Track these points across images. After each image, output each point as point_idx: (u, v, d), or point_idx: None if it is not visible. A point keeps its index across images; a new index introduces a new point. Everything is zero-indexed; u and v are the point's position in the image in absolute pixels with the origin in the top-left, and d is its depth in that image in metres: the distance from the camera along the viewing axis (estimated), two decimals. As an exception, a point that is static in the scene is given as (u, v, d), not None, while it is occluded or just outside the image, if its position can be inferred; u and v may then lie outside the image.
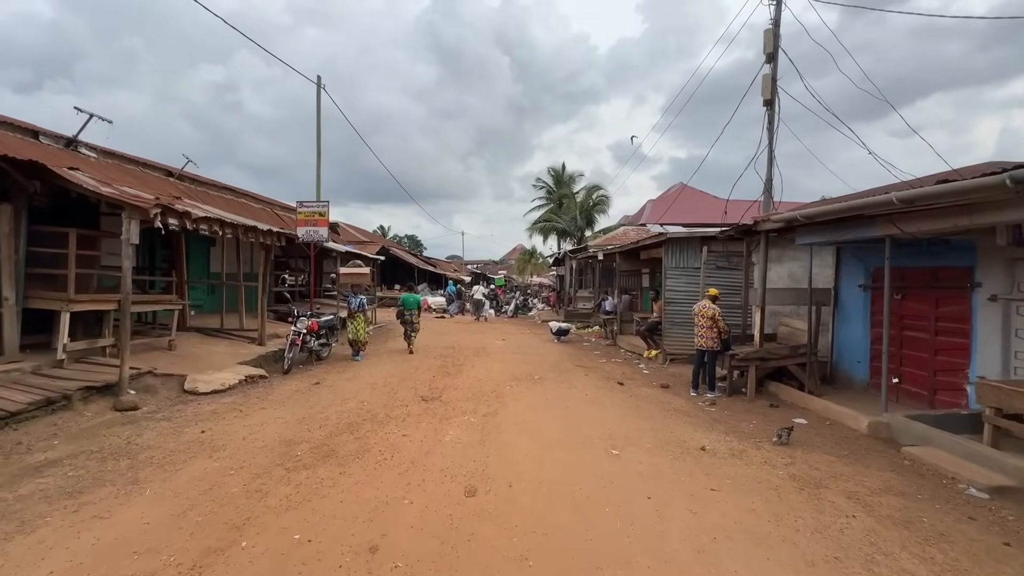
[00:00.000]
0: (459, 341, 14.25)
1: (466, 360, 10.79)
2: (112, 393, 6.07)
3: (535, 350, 12.82)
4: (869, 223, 6.11)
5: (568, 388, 8.19)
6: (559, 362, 10.96)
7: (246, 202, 12.56)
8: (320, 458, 4.67)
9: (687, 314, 10.63)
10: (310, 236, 12.57)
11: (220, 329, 9.77)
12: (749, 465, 4.86)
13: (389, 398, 7.12)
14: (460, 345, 13.33)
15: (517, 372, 9.48)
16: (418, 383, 8.20)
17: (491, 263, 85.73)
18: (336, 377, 8.56)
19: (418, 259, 37.89)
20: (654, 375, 9.77)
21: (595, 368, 10.41)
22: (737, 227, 8.43)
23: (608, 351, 13.10)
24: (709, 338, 7.93)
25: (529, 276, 56.29)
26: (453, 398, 7.22)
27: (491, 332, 17.29)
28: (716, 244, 10.56)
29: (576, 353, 12.63)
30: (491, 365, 10.25)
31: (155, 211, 6.01)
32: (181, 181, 10.52)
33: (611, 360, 11.58)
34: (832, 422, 6.54)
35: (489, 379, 8.71)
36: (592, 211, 37.00)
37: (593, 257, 20.38)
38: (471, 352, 12.05)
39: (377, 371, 9.20)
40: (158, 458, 4.56)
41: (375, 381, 8.28)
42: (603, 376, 9.50)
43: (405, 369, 9.48)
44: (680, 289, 10.73)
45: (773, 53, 8.47)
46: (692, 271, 10.71)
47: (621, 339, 13.94)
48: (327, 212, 12.66)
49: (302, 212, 12.60)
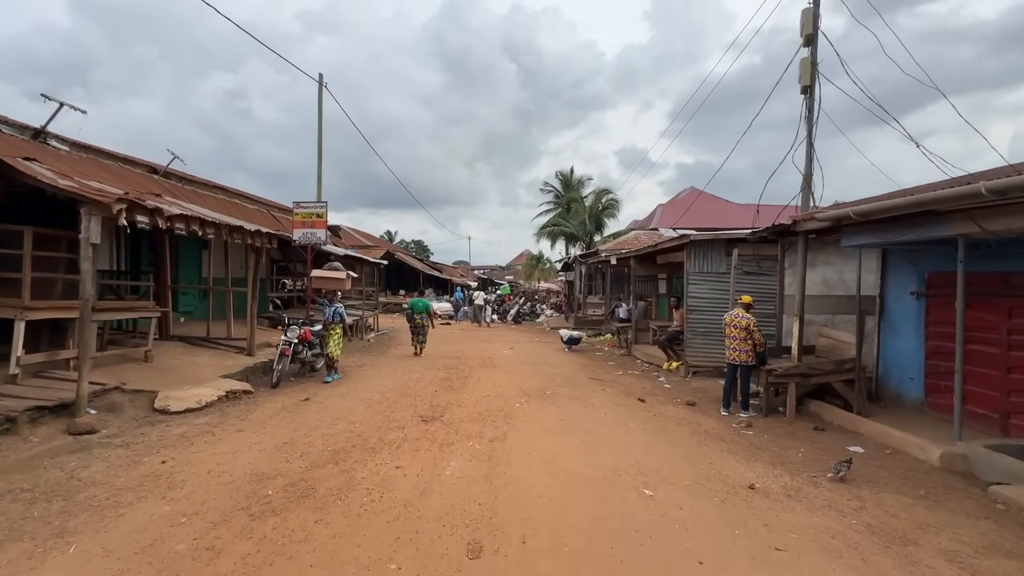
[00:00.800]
0: (465, 350, 13.46)
1: (472, 372, 9.99)
2: (69, 413, 5.33)
3: (545, 360, 12.00)
4: (938, 220, 5.26)
5: (584, 406, 7.36)
6: (572, 374, 10.14)
7: (240, 203, 11.90)
8: (294, 499, 3.88)
9: (711, 323, 9.80)
10: (307, 239, 11.88)
11: (206, 338, 9.05)
12: (812, 510, 4.01)
13: (384, 418, 6.33)
14: (466, 354, 12.54)
15: (527, 386, 8.67)
16: (418, 399, 7.41)
17: (498, 268, 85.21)
18: (328, 392, 7.78)
19: (424, 264, 37.23)
20: (677, 390, 8.91)
21: (612, 382, 9.57)
22: (772, 228, 7.60)
23: (623, 362, 12.26)
24: (742, 351, 7.08)
25: (536, 282, 55.58)
26: (456, 418, 6.41)
27: (498, 340, 16.49)
28: (745, 247, 9.72)
29: (589, 364, 11.79)
30: (498, 378, 9.45)
31: (119, 207, 5.29)
32: (167, 179, 9.86)
33: (628, 372, 10.73)
34: (893, 451, 5.66)
35: (496, 394, 7.91)
36: (601, 215, 36.17)
37: (605, 262, 19.56)
38: (477, 362, 11.26)
39: (374, 385, 8.42)
40: (100, 499, 3.79)
41: (371, 397, 7.50)
42: (621, 391, 8.66)
43: (405, 382, 8.69)
44: (703, 296, 9.88)
45: (812, 35, 7.65)
46: (717, 276, 9.87)
47: (637, 349, 13.09)
48: (325, 213, 11.97)
49: (299, 213, 11.92)
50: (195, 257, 11.79)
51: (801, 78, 7.91)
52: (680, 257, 12.31)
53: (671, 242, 10.58)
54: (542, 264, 56.48)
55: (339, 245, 16.65)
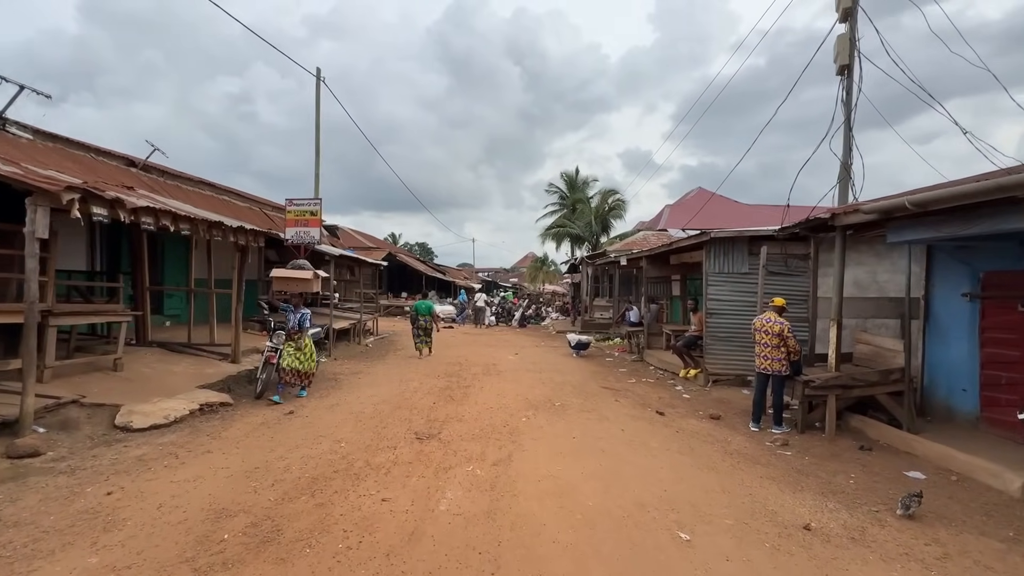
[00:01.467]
0: (467, 355, 12.76)
1: (474, 380, 9.29)
2: (12, 432, 4.66)
3: (553, 367, 11.28)
4: (1011, 210, 4.52)
5: (598, 420, 6.64)
6: (582, 383, 9.41)
7: (229, 199, 11.28)
8: (254, 546, 3.18)
9: (733, 327, 9.07)
10: (300, 238, 11.23)
11: (187, 344, 8.39)
12: (887, 561, 3.27)
13: (375, 436, 5.63)
14: (468, 360, 11.84)
15: (534, 396, 7.95)
16: (414, 412, 6.71)
17: (502, 271, 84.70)
18: (316, 404, 7.09)
19: (427, 266, 36.60)
20: (697, 401, 8.18)
21: (625, 391, 8.84)
22: (806, 223, 6.86)
23: (635, 368, 11.52)
24: (775, 360, 6.35)
25: (540, 284, 54.88)
26: (455, 435, 5.71)
27: (502, 345, 15.78)
28: (771, 245, 8.98)
29: (600, 371, 11.06)
30: (503, 386, 8.74)
31: (69, 196, 4.63)
32: (146, 172, 9.22)
33: (641, 380, 10.00)
34: (960, 477, 4.90)
35: (501, 406, 7.20)
36: (608, 216, 35.47)
37: (613, 263, 18.83)
38: (480, 369, 10.55)
39: (367, 395, 7.73)
40: (17, 545, 3.11)
41: (362, 409, 6.80)
42: (637, 402, 7.93)
43: (401, 392, 8.00)
44: (725, 298, 9.14)
45: (851, 8, 6.90)
46: (739, 277, 9.13)
47: (650, 354, 12.35)
48: (319, 211, 11.31)
49: (291, 211, 11.28)
50: (182, 257, 11.14)
51: (837, 57, 7.15)
52: (696, 257, 11.58)
53: (688, 241, 9.86)
54: (546, 266, 55.83)
55: (337, 246, 16.01)
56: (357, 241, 31.43)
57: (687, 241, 9.91)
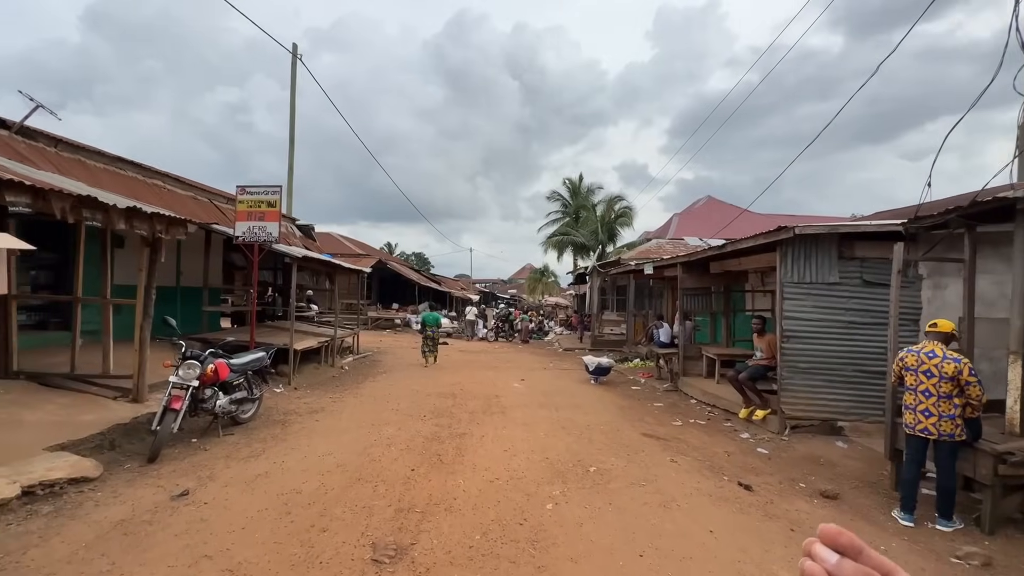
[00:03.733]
0: (463, 382, 10.42)
1: (471, 423, 6.95)
2: None
3: (570, 399, 8.96)
4: None
5: (663, 507, 4.30)
6: (614, 426, 7.09)
7: (162, 185, 9.00)
8: None
9: (818, 356, 6.80)
10: (253, 235, 8.93)
11: (71, 375, 6.02)
12: None
13: (302, 552, 3.29)
14: (464, 390, 9.50)
15: (556, 453, 5.63)
16: (380, 492, 4.36)
17: (500, 282, 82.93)
18: (234, 474, 4.73)
19: (420, 275, 34.28)
20: (782, 459, 5.87)
21: (675, 440, 6.52)
22: (965, 207, 4.62)
23: (674, 402, 9.19)
24: (945, 417, 4.06)
25: (540, 296, 52.74)
26: (440, 551, 3.37)
27: (504, 366, 13.44)
28: (864, 246, 6.77)
29: (630, 406, 8.73)
30: (511, 434, 6.41)
31: None
32: (25, 139, 6.88)
33: (689, 421, 7.67)
34: None
35: (511, 476, 4.87)
36: (614, 224, 33.34)
37: (627, 273, 16.61)
38: (479, 404, 8.21)
39: (318, 454, 5.37)
40: None
41: (300, 486, 4.43)
42: (702, 462, 5.61)
43: (369, 447, 5.65)
44: (806, 316, 6.87)
45: None
46: (826, 289, 6.87)
47: (686, 383, 10.04)
48: (278, 202, 9.03)
49: (244, 201, 9.00)
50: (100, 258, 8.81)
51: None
52: (747, 264, 9.35)
53: (750, 241, 7.58)
54: (546, 277, 53.68)
55: (313, 249, 13.70)
56: (346, 248, 29.16)
57: (748, 241, 7.64)
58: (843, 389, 6.79)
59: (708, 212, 37.11)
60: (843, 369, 6.79)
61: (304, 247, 13.20)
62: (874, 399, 6.74)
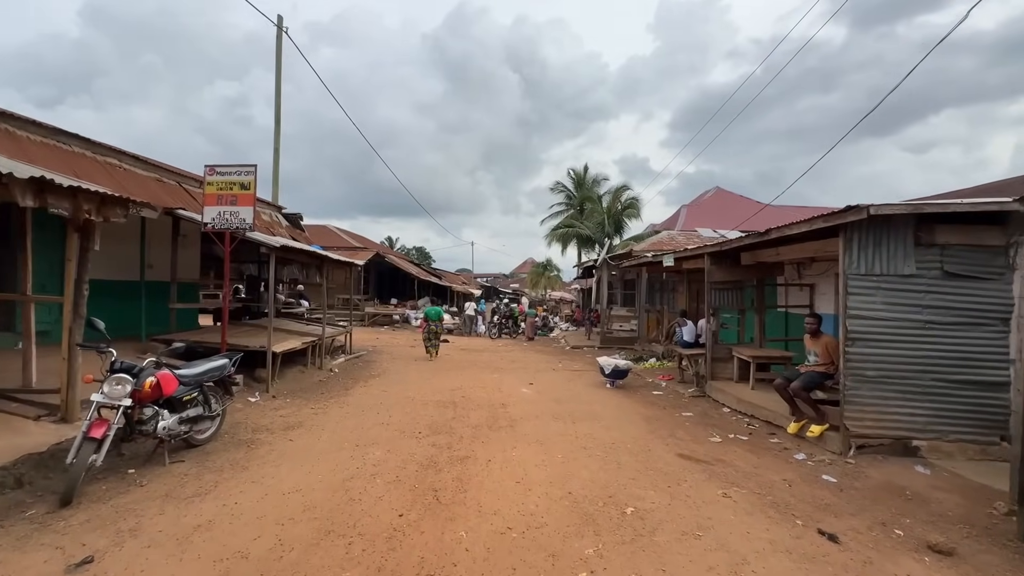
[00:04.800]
0: (464, 386, 9.32)
1: (475, 442, 5.86)
2: None
3: (587, 408, 7.87)
4: None
5: (732, 571, 3.20)
6: (642, 443, 6.00)
7: (118, 163, 7.85)
8: None
9: (892, 361, 5.68)
10: (224, 222, 7.82)
11: (-13, 388, 4.94)
12: None
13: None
14: (466, 396, 8.42)
15: (581, 485, 4.54)
16: (351, 560, 3.26)
17: (501, 277, 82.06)
18: (169, 520, 3.63)
19: (420, 269, 33.15)
20: (858, 491, 4.77)
21: (719, 463, 5.42)
22: None
23: (704, 411, 8.09)
24: None
25: (543, 290, 51.67)
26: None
27: (510, 367, 12.35)
28: (946, 230, 5.64)
29: (657, 416, 7.63)
30: (524, 458, 5.31)
31: None
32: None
33: (728, 436, 6.57)
34: None
35: (528, 522, 3.77)
36: (621, 216, 32.16)
37: (640, 266, 15.48)
38: (484, 416, 7.12)
39: (283, 491, 4.27)
40: None
41: (244, 546, 3.34)
42: (761, 496, 4.50)
43: (347, 480, 4.55)
44: (876, 314, 5.74)
45: None
46: (900, 282, 5.74)
47: (715, 387, 8.94)
48: (253, 183, 7.91)
49: (213, 183, 7.88)
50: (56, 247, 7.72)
51: None
52: (787, 254, 8.21)
53: (810, 223, 6.38)
54: (549, 271, 52.58)
55: (300, 239, 12.57)
56: (342, 241, 28.03)
57: (801, 226, 6.47)
58: (919, 401, 5.68)
59: (717, 204, 35.90)
60: (919, 377, 5.68)
61: (291, 238, 12.08)
62: (956, 413, 5.64)
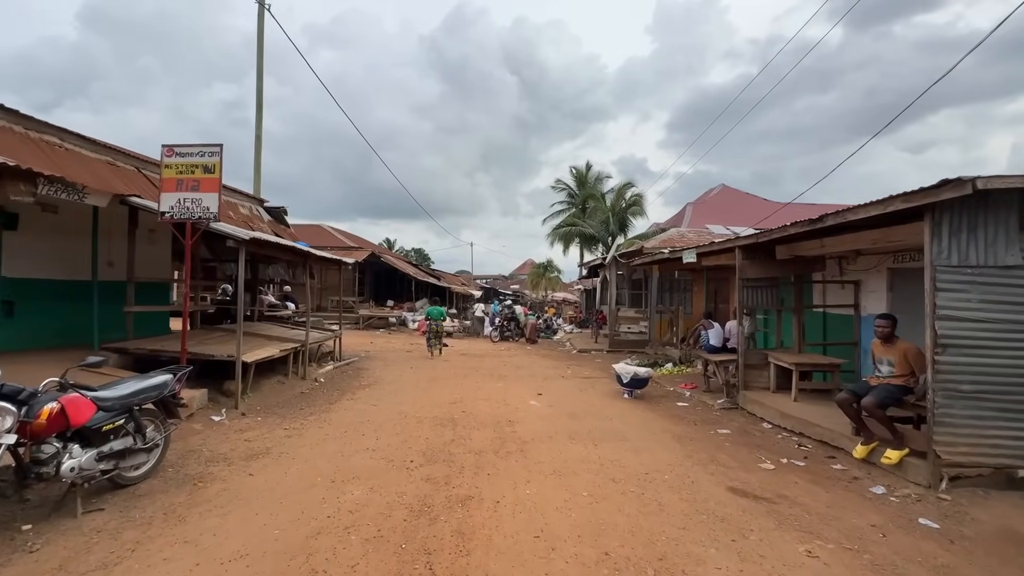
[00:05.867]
0: (465, 400, 8.23)
1: (479, 474, 4.76)
2: None
3: (607, 424, 6.80)
4: None
5: None
6: (685, 474, 4.91)
7: (58, 142, 6.72)
8: None
9: (993, 373, 4.62)
10: (184, 211, 6.76)
11: None
12: None
13: None
14: (467, 412, 7.33)
15: (619, 540, 3.45)
16: None
17: (501, 278, 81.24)
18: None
19: (418, 270, 32.05)
20: (970, 543, 3.69)
21: (783, 499, 4.33)
22: None
23: (741, 426, 7.00)
24: None
25: (543, 291, 50.67)
26: None
27: (514, 374, 11.26)
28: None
29: (690, 435, 6.54)
30: (541, 497, 4.22)
31: None
32: None
33: (780, 461, 5.48)
34: None
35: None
36: (626, 213, 31.14)
37: (655, 263, 14.42)
38: (488, 438, 6.02)
39: (218, 551, 3.18)
40: None
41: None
42: (855, 555, 3.41)
43: (310, 534, 3.45)
44: (971, 315, 4.67)
45: None
46: (999, 274, 4.67)
47: (749, 398, 7.86)
48: (218, 166, 6.84)
49: (172, 165, 6.82)
50: None
51: None
52: (832, 246, 7.16)
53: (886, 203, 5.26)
54: (549, 272, 51.58)
55: (283, 235, 11.47)
56: (336, 240, 26.95)
57: (873, 208, 5.36)
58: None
59: (723, 201, 34.94)
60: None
61: (274, 233, 10.99)
62: (1074, 437, 4.57)
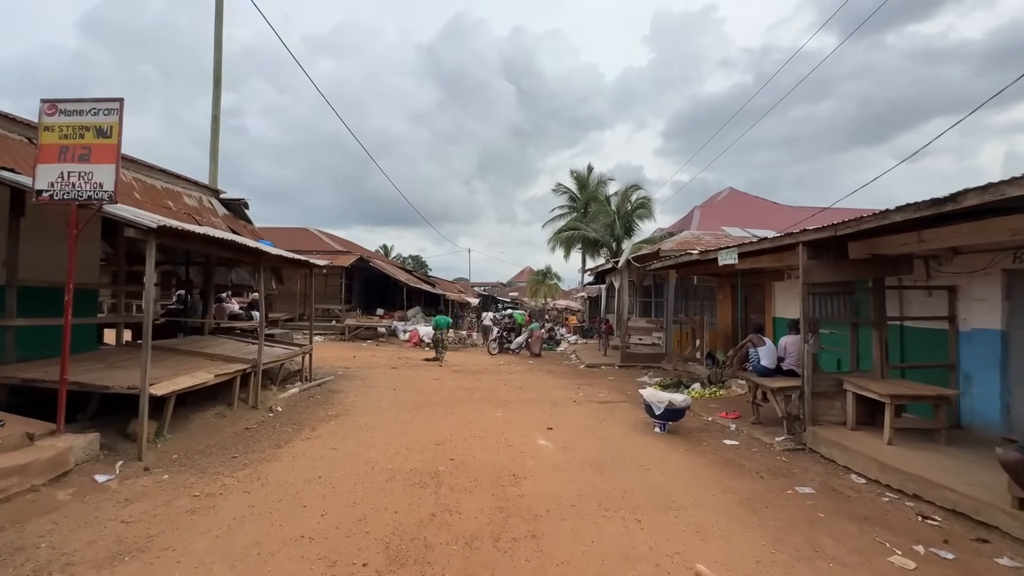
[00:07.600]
0: (455, 439, 6.40)
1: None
2: None
3: (645, 479, 4.98)
4: None
5: None
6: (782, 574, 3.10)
7: None
8: None
9: None
10: (66, 188, 4.96)
11: None
12: None
13: None
14: (455, 459, 5.50)
15: None
16: None
17: (499, 285, 79.68)
18: None
19: (411, 276, 30.20)
20: None
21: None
22: None
23: (822, 480, 5.19)
24: None
25: (543, 299, 48.85)
26: None
27: (516, 397, 9.43)
28: None
29: (758, 495, 4.72)
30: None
31: None
32: None
33: (915, 551, 3.67)
34: None
35: None
36: (632, 216, 29.40)
37: (674, 267, 12.66)
38: (483, 512, 4.18)
39: None
40: None
41: None
42: None
43: None
44: None
45: None
46: None
47: (822, 438, 6.05)
48: (116, 128, 5.06)
49: (52, 127, 5.03)
50: None
51: None
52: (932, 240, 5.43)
53: None
54: (549, 279, 49.88)
55: (243, 233, 9.66)
56: (324, 244, 25.16)
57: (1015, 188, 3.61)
58: None
59: (731, 204, 33.38)
60: None
61: (230, 229, 9.20)
62: None
